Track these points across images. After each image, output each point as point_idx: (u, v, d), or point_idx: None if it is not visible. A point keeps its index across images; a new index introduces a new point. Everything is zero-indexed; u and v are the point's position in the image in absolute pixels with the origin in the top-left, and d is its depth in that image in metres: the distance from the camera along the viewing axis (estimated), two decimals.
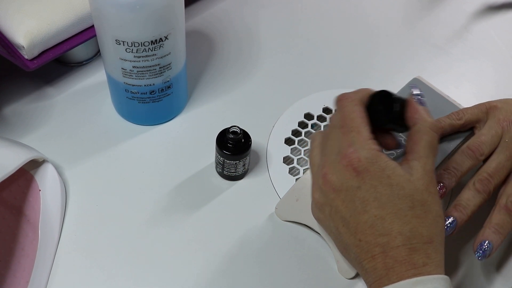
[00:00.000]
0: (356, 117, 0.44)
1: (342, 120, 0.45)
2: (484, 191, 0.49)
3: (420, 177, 0.43)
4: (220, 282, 0.51)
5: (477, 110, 0.52)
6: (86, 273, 0.51)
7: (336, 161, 0.44)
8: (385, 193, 0.42)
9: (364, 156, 0.42)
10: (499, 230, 0.48)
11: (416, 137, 0.45)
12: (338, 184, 0.43)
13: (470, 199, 0.48)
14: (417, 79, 0.58)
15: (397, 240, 0.41)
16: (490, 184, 0.49)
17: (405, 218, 0.42)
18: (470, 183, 0.49)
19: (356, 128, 0.44)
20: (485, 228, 0.48)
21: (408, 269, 0.41)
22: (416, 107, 0.46)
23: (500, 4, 0.77)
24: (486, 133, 0.50)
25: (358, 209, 0.43)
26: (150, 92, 0.57)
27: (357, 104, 0.45)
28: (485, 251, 0.47)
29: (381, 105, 0.46)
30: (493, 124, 0.50)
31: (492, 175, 0.49)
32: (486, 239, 0.47)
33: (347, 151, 0.43)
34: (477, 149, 0.49)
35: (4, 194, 0.53)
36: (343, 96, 0.47)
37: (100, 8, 0.49)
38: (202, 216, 0.55)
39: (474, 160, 0.50)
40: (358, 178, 0.42)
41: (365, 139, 0.43)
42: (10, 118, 0.61)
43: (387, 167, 0.42)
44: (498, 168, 0.49)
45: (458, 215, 0.48)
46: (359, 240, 0.43)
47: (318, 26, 0.73)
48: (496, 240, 0.48)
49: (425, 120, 0.45)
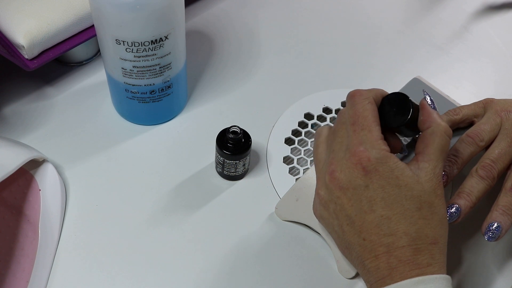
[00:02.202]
0: (368, 115, 0.44)
1: (354, 117, 0.45)
2: (488, 177, 0.48)
3: (428, 179, 0.43)
4: (220, 282, 0.51)
5: (474, 105, 0.52)
6: (86, 273, 0.51)
7: (345, 158, 0.43)
8: (393, 193, 0.42)
9: (374, 156, 0.42)
10: (506, 212, 0.47)
11: (429, 140, 0.44)
12: (345, 182, 0.43)
13: (473, 185, 0.48)
14: (417, 79, 0.58)
15: (402, 240, 0.41)
16: (493, 169, 0.48)
17: (411, 219, 0.42)
18: (473, 171, 0.49)
19: (368, 127, 0.44)
20: (492, 211, 0.48)
21: (412, 269, 0.41)
22: (430, 111, 0.46)
23: (500, 4, 0.77)
24: (485, 122, 0.50)
25: (364, 208, 0.43)
26: (150, 92, 0.57)
27: (371, 102, 0.45)
28: (494, 232, 0.47)
29: (396, 107, 0.46)
30: (492, 115, 0.50)
31: (495, 161, 0.48)
32: (494, 220, 0.47)
33: (357, 149, 0.43)
34: (476, 135, 0.49)
35: (4, 194, 0.53)
36: (357, 93, 0.46)
37: (100, 8, 0.49)
38: (202, 216, 0.55)
39: (474, 147, 0.49)
40: (366, 177, 0.42)
41: (376, 139, 0.43)
42: (10, 118, 0.61)
43: (396, 168, 0.42)
44: (501, 154, 0.49)
45: (462, 202, 0.47)
46: (363, 239, 0.43)
47: (318, 26, 0.73)
48: (505, 222, 0.47)
49: (439, 124, 0.45)
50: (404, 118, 0.46)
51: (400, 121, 0.46)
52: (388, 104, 0.46)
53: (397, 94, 0.47)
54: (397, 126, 0.46)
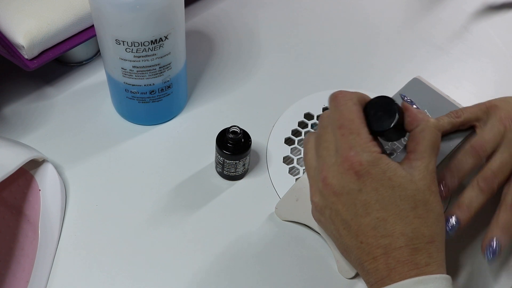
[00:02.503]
0: (355, 117, 0.43)
1: (340, 120, 0.43)
2: (488, 190, 0.48)
3: (422, 177, 0.43)
4: (220, 282, 0.51)
5: (476, 108, 0.51)
6: (86, 273, 0.51)
7: (336, 164, 0.43)
8: (387, 195, 0.42)
9: (366, 159, 0.42)
10: (506, 230, 0.47)
11: (419, 137, 0.44)
12: (339, 187, 0.43)
13: (473, 198, 0.48)
14: (417, 79, 0.58)
15: (399, 241, 0.41)
16: (494, 183, 0.48)
17: (407, 219, 0.42)
18: (474, 182, 0.48)
19: (356, 130, 0.43)
20: (492, 228, 0.48)
21: (410, 269, 0.41)
22: (415, 111, 0.45)
23: (500, 4, 0.77)
24: (488, 132, 0.49)
25: (359, 212, 0.42)
26: (150, 92, 0.57)
27: (355, 104, 0.44)
28: (495, 252, 0.47)
29: (381, 111, 0.45)
30: (495, 122, 0.49)
31: (496, 173, 0.48)
32: (494, 239, 0.47)
33: (348, 154, 0.42)
34: (480, 148, 0.49)
35: (4, 194, 0.53)
36: (339, 94, 0.45)
37: (100, 8, 0.49)
38: (202, 216, 0.55)
39: (477, 160, 0.49)
40: (359, 181, 0.42)
41: (365, 141, 0.42)
42: (10, 118, 0.61)
43: (388, 169, 0.42)
44: (502, 166, 0.48)
45: (461, 215, 0.47)
46: (360, 242, 0.43)
47: (318, 26, 0.73)
48: (504, 240, 0.47)
49: (428, 121, 0.45)
50: (391, 121, 0.44)
51: (388, 124, 0.44)
52: (373, 109, 0.45)
53: (381, 98, 0.45)
54: (384, 130, 0.44)
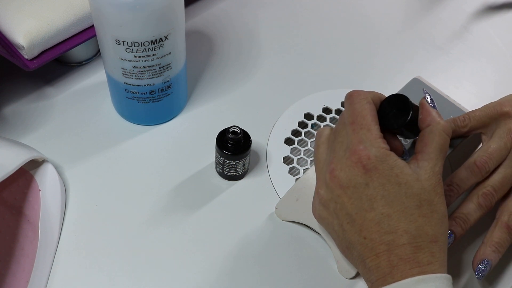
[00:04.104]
0: (367, 114, 0.44)
1: (353, 116, 0.45)
2: (486, 206, 0.48)
3: (428, 177, 0.43)
4: (220, 282, 0.51)
5: (485, 114, 0.50)
6: (86, 273, 0.51)
7: (345, 157, 0.44)
8: (393, 191, 0.42)
9: (374, 154, 0.42)
10: (498, 249, 0.48)
11: (428, 138, 0.45)
12: (345, 180, 0.43)
13: (471, 213, 0.48)
14: (417, 79, 0.58)
15: (402, 238, 0.41)
16: (493, 199, 0.48)
17: (411, 217, 0.42)
18: (474, 196, 0.49)
19: (367, 126, 0.44)
20: (485, 246, 0.48)
21: (412, 267, 0.41)
22: (430, 110, 0.46)
23: (500, 4, 0.77)
24: (494, 145, 0.49)
25: (364, 207, 0.43)
26: (150, 92, 0.57)
27: (369, 102, 0.45)
28: (485, 270, 0.47)
29: (396, 109, 0.46)
30: (503, 134, 0.49)
31: (497, 189, 0.48)
32: (486, 257, 0.47)
33: (357, 148, 0.43)
34: (483, 165, 0.48)
35: (4, 194, 0.53)
36: (355, 93, 0.46)
37: (100, 8, 0.49)
38: (202, 216, 0.55)
39: (478, 178, 0.49)
40: (366, 175, 0.42)
41: (375, 137, 0.43)
42: (10, 118, 0.61)
43: (396, 166, 0.43)
44: (504, 182, 0.49)
45: (456, 229, 0.48)
46: (363, 237, 0.43)
47: (318, 26, 0.73)
48: (494, 259, 0.48)
49: (438, 122, 0.45)
50: (404, 119, 0.46)
51: (401, 122, 0.46)
52: (388, 106, 0.47)
53: (397, 96, 0.47)
54: (397, 127, 0.46)
